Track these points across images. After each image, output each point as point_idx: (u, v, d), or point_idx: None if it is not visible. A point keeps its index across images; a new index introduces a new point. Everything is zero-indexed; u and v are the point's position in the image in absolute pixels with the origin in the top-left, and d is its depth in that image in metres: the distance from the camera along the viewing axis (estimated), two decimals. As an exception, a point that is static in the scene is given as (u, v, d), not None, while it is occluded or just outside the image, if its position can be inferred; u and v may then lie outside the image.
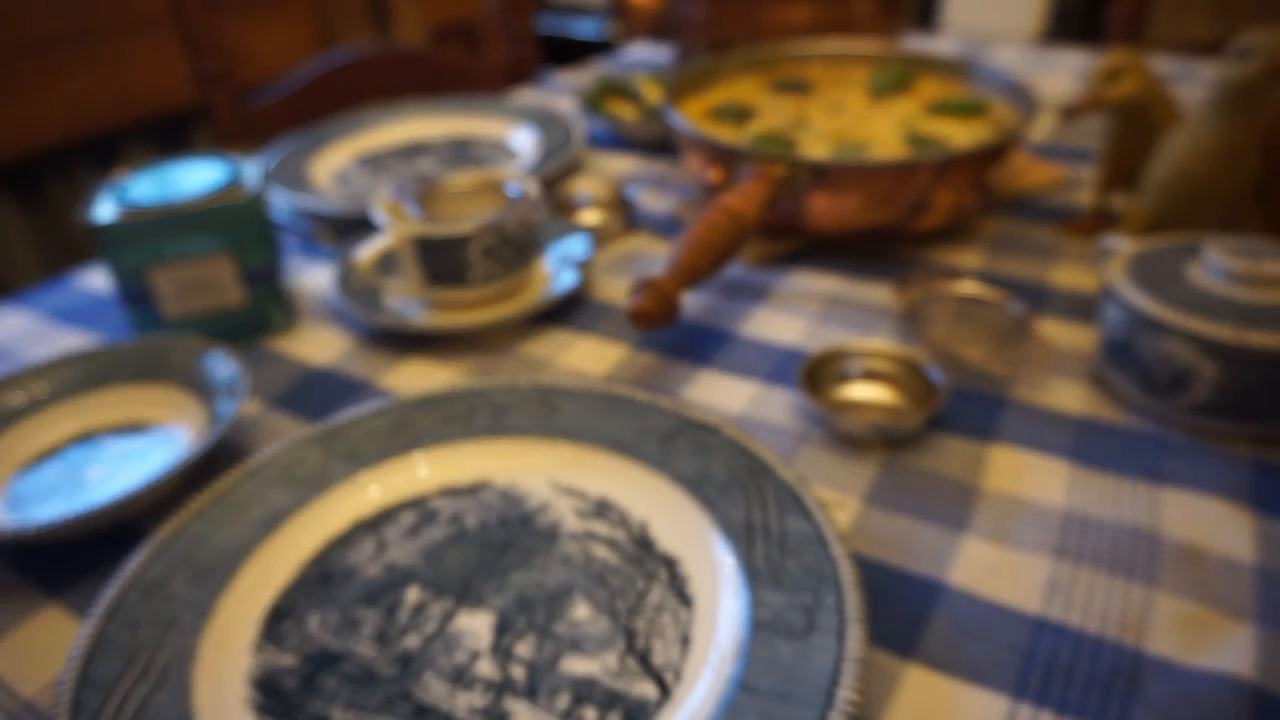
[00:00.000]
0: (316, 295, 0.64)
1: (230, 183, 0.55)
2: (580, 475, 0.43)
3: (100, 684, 0.33)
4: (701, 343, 0.55)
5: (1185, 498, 0.41)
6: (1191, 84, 0.97)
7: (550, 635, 0.35)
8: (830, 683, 0.31)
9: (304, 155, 0.84)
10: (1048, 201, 0.72)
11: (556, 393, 0.47)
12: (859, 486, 0.43)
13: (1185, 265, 0.46)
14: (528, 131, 0.87)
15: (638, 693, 0.33)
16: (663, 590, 0.37)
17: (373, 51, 1.19)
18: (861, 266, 0.63)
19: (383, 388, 0.53)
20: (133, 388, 0.50)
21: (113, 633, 0.35)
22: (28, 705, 0.35)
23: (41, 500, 0.44)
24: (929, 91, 0.75)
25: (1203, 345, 0.42)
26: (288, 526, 0.40)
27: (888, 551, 0.39)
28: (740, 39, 0.89)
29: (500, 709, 0.32)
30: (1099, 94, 0.59)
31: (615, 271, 0.65)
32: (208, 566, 0.38)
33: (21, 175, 1.58)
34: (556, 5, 2.73)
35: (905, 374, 0.49)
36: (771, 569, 0.36)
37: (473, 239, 0.54)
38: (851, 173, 0.58)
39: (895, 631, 0.36)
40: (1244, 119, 0.52)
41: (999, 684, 0.33)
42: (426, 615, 0.36)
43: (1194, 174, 0.54)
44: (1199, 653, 0.34)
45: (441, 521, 0.41)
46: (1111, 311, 0.46)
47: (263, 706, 0.33)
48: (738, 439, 0.42)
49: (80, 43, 1.55)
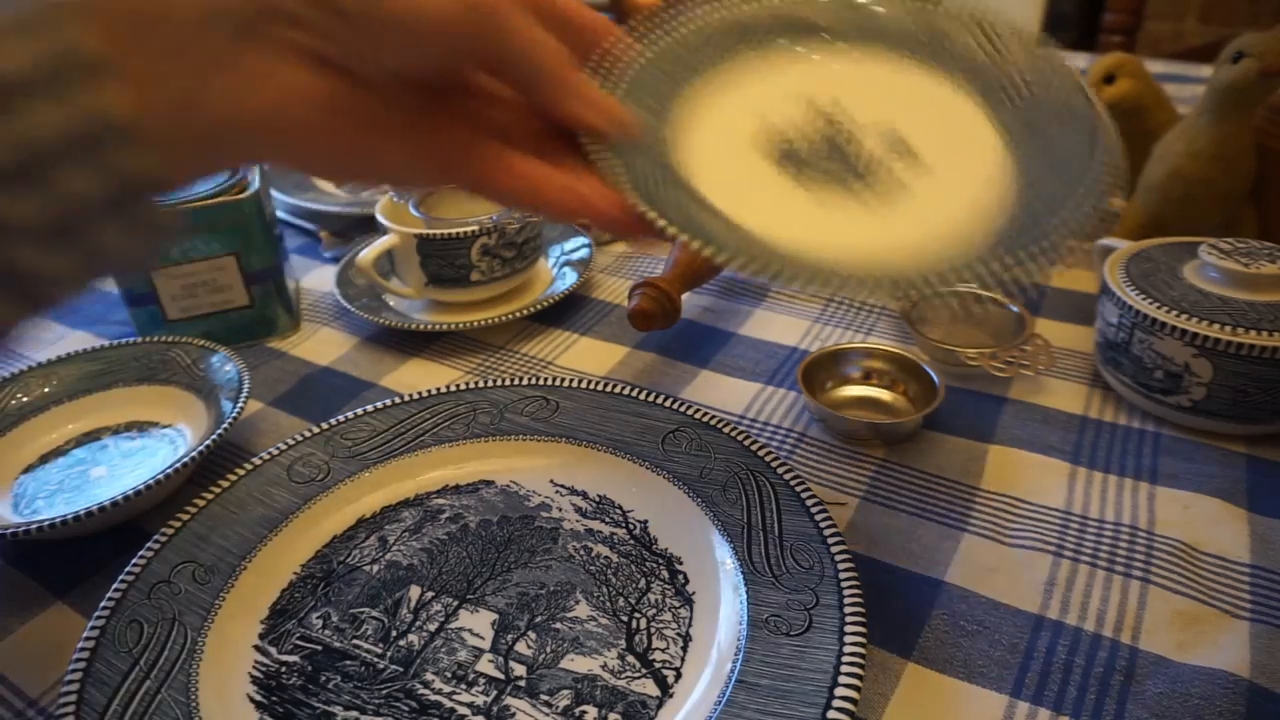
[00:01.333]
0: (319, 295, 0.64)
1: (233, 184, 0.55)
2: (581, 474, 0.43)
3: (105, 682, 0.33)
4: (701, 343, 0.56)
5: (1181, 496, 0.42)
6: (1186, 87, 0.98)
7: (551, 633, 0.35)
8: (830, 681, 0.31)
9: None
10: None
11: (557, 392, 0.47)
12: (858, 486, 0.43)
13: (1181, 266, 0.46)
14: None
15: (638, 691, 0.33)
16: (663, 589, 0.37)
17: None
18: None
19: (385, 387, 0.53)
20: (136, 388, 0.51)
21: (117, 631, 0.35)
22: (33, 703, 0.35)
23: (46, 499, 0.44)
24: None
25: (1198, 345, 0.42)
26: (290, 525, 0.41)
27: (887, 550, 0.40)
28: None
29: (501, 707, 0.33)
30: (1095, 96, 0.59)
31: (615, 272, 0.65)
32: (211, 565, 0.38)
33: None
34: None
35: (905, 374, 0.49)
36: (771, 568, 0.36)
37: (474, 239, 0.55)
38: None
39: (894, 630, 0.36)
40: (1238, 121, 0.53)
41: (997, 682, 0.34)
42: (428, 614, 0.37)
43: (1189, 175, 0.54)
44: (1194, 650, 0.34)
45: (443, 520, 0.41)
46: (1108, 312, 0.47)
47: (266, 704, 0.33)
48: (738, 438, 0.43)
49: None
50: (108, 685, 0.33)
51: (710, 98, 0.33)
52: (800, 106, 0.33)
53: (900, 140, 0.32)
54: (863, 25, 0.35)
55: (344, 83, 0.26)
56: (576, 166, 0.30)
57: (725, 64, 0.34)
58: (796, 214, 0.30)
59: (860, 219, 0.30)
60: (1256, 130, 0.54)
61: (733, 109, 0.33)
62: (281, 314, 0.59)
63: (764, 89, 0.34)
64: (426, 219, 0.57)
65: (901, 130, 0.32)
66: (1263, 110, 0.55)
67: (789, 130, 0.32)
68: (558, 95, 0.29)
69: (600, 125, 0.30)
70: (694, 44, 0.34)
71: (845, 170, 0.31)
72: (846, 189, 0.30)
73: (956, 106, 0.33)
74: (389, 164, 0.29)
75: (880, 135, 0.32)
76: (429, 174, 0.30)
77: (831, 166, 0.31)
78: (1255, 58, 0.50)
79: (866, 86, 0.34)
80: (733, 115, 0.33)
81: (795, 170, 0.31)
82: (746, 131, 0.32)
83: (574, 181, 0.29)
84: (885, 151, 0.31)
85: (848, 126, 0.32)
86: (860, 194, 0.30)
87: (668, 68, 0.33)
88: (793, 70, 0.34)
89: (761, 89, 0.34)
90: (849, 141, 0.31)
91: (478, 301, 0.59)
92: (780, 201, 0.30)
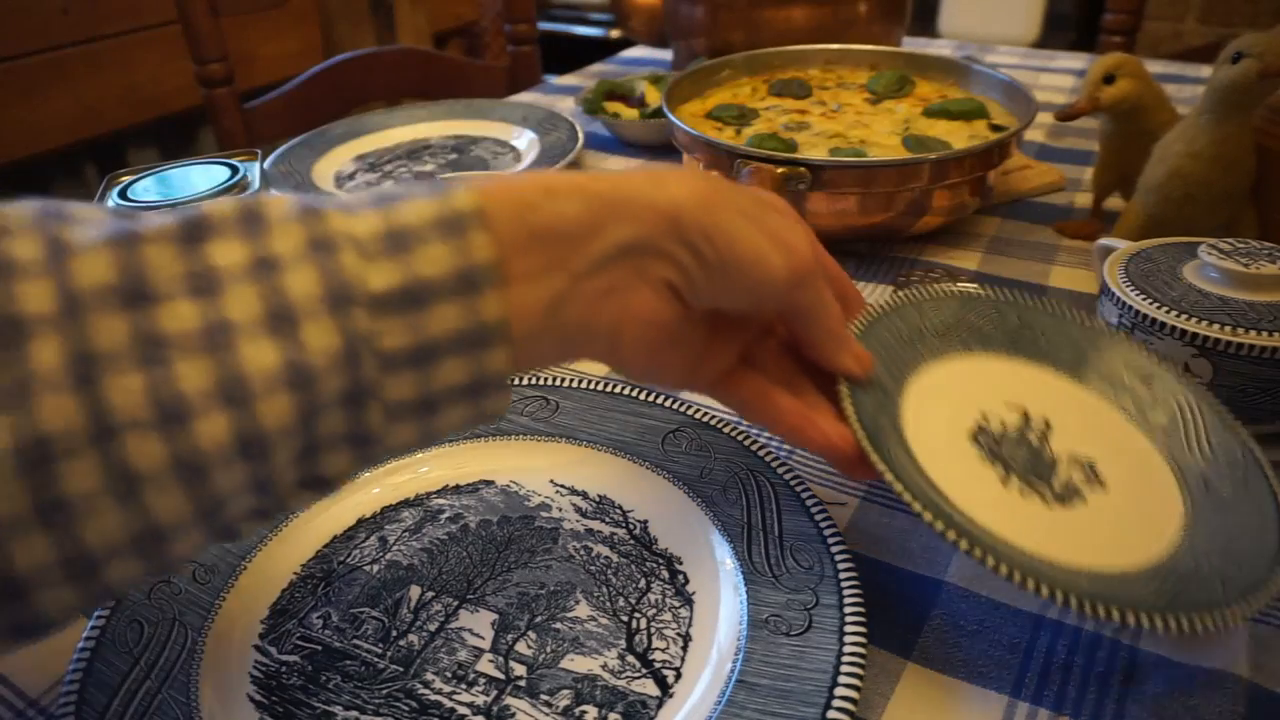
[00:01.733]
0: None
1: (233, 184, 0.55)
2: (581, 474, 0.43)
3: (105, 682, 0.33)
4: (701, 343, 0.56)
5: (1181, 497, 0.42)
6: (1186, 87, 0.98)
7: (551, 633, 0.35)
8: (829, 681, 0.31)
9: (306, 156, 0.84)
10: (1045, 203, 0.72)
11: (557, 392, 0.47)
12: (858, 486, 0.43)
13: (1181, 266, 0.46)
14: (529, 133, 0.88)
15: (638, 691, 0.33)
16: (663, 588, 0.37)
17: (375, 51, 1.19)
18: (861, 267, 0.63)
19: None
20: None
21: (118, 631, 0.35)
22: (33, 703, 0.35)
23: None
24: (928, 93, 0.75)
25: (1198, 345, 0.42)
26: (290, 525, 0.41)
27: (886, 550, 0.40)
28: (740, 41, 0.90)
29: (501, 707, 0.33)
30: (1095, 96, 0.59)
31: (615, 273, 0.65)
32: (211, 565, 0.38)
33: (27, 177, 1.58)
34: (557, 5, 2.73)
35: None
36: (771, 568, 0.36)
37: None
38: (850, 174, 0.59)
39: (894, 630, 0.36)
40: (1238, 121, 0.53)
41: (997, 682, 0.34)
42: (428, 614, 0.37)
43: (1189, 175, 0.54)
44: (1194, 650, 0.34)
45: (443, 520, 0.41)
46: (1108, 312, 0.47)
47: (266, 704, 0.33)
48: (738, 439, 0.43)
49: (87, 47, 1.55)
50: (108, 685, 0.33)
51: (937, 379, 0.39)
52: (1015, 415, 0.38)
53: (1094, 470, 0.36)
54: (1088, 360, 0.41)
55: (679, 309, 0.31)
56: (813, 399, 0.36)
57: (957, 354, 0.40)
58: (993, 501, 0.34)
59: (1047, 523, 0.34)
60: (1256, 130, 0.54)
61: (957, 396, 0.38)
62: (282, 314, 0.58)
63: (988, 388, 0.39)
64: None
65: (1098, 463, 0.36)
66: (1263, 110, 0.55)
67: (1000, 430, 0.37)
68: (833, 349, 0.35)
69: (859, 376, 0.35)
70: (937, 329, 0.40)
71: (1041, 482, 0.35)
72: (1041, 497, 0.35)
73: (1147, 453, 0.37)
74: (674, 375, 0.34)
75: (1076, 461, 0.36)
76: (698, 388, 0.36)
77: (1031, 477, 0.35)
78: (1255, 58, 0.50)
79: (1077, 413, 0.38)
80: (956, 401, 0.38)
81: (1001, 468, 0.36)
82: (965, 421, 0.37)
83: (813, 415, 0.35)
84: (1080, 476, 0.36)
85: (1053, 447, 0.37)
86: (1050, 503, 0.35)
87: (908, 340, 0.39)
88: (1016, 379, 0.40)
89: (986, 387, 0.39)
90: (1052, 463, 0.36)
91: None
92: (980, 486, 0.35)
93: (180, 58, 1.07)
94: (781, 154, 0.59)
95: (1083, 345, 0.41)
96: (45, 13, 1.49)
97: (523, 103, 0.94)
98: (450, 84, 1.24)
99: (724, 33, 0.91)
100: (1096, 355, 0.40)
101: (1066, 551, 0.32)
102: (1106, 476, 0.36)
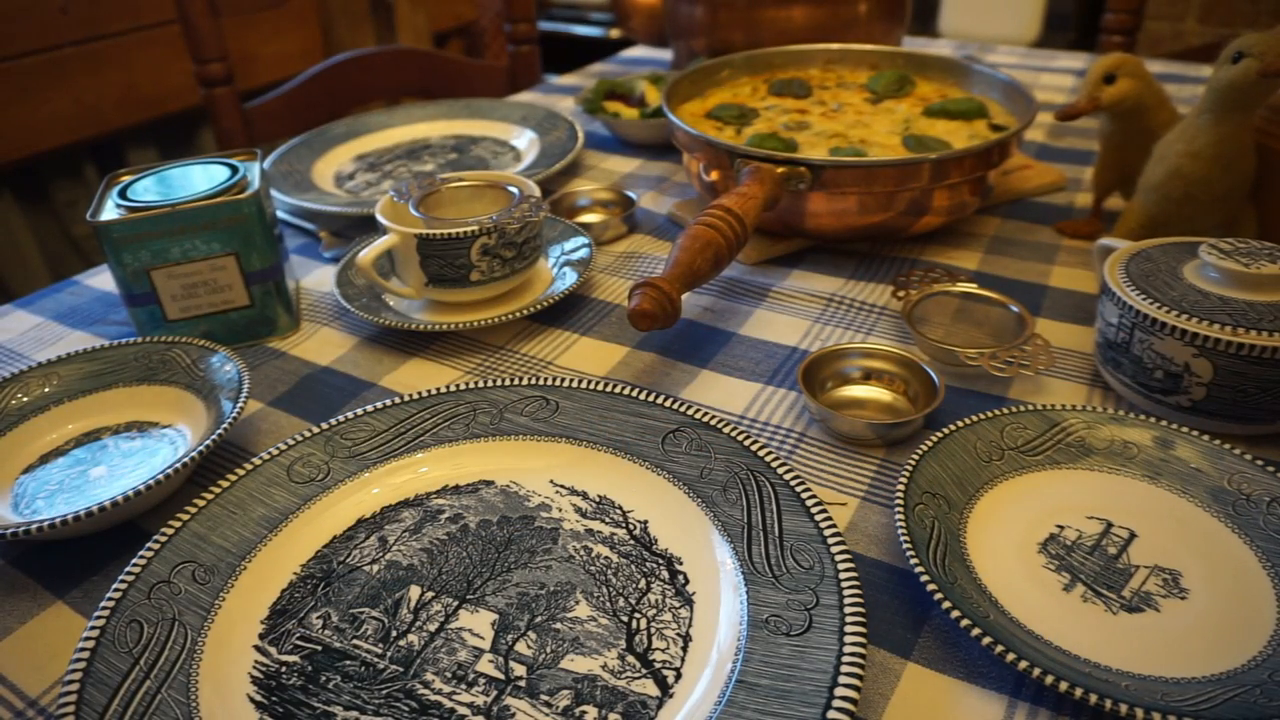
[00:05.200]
0: (319, 295, 0.64)
1: (233, 184, 0.55)
2: (581, 474, 0.43)
3: (105, 682, 0.33)
4: (701, 343, 0.56)
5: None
6: (1186, 87, 0.98)
7: (551, 634, 0.35)
8: (830, 681, 0.31)
9: (306, 156, 0.84)
10: (1045, 203, 0.72)
11: (557, 392, 0.47)
12: (858, 486, 0.43)
13: (1181, 266, 0.46)
14: (529, 133, 0.88)
15: (638, 691, 0.33)
16: (663, 589, 0.37)
17: (375, 51, 1.19)
18: (861, 267, 0.63)
19: (384, 387, 0.53)
20: (136, 388, 0.51)
21: (117, 631, 0.35)
22: (33, 703, 0.35)
23: (46, 499, 0.44)
24: (928, 93, 0.75)
25: (1198, 345, 0.42)
26: (290, 525, 0.41)
27: (886, 550, 0.40)
28: (740, 41, 0.90)
29: (501, 707, 0.33)
30: (1095, 96, 0.59)
31: (615, 272, 0.65)
32: (211, 565, 0.38)
33: (27, 177, 1.58)
34: (557, 5, 2.73)
35: (905, 374, 0.49)
36: (771, 568, 0.36)
37: (474, 239, 0.55)
38: (851, 173, 0.59)
39: (894, 630, 0.36)
40: (1238, 121, 0.53)
41: (997, 682, 0.34)
42: (428, 614, 0.37)
43: (1189, 175, 0.54)
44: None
45: (443, 520, 0.41)
46: (1108, 312, 0.47)
47: (266, 704, 0.33)
48: (738, 439, 0.43)
49: (86, 46, 1.55)
50: (108, 685, 0.33)
51: (1016, 491, 0.40)
52: (1096, 525, 0.38)
53: (1175, 580, 0.36)
54: (1180, 472, 0.41)
55: None
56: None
57: (1044, 469, 0.41)
58: (1044, 604, 0.35)
59: (1104, 629, 0.34)
60: (1256, 130, 0.54)
61: (1035, 507, 0.40)
62: (281, 314, 0.59)
63: (1070, 498, 0.40)
64: (426, 219, 0.57)
65: (1185, 574, 0.36)
66: (1263, 110, 0.55)
67: (1073, 539, 0.38)
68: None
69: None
70: (1020, 446, 0.42)
71: (1110, 590, 0.36)
72: (1105, 606, 0.35)
73: (1247, 565, 0.37)
74: None
75: (1159, 570, 0.36)
76: None
77: (1097, 585, 0.36)
78: (1255, 58, 0.50)
79: (1174, 523, 0.39)
80: (1032, 513, 0.39)
81: (1066, 575, 0.36)
82: (1038, 532, 0.38)
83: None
84: (1157, 586, 0.36)
85: (1131, 557, 0.37)
86: (1116, 611, 0.35)
87: (984, 458, 0.41)
88: (1102, 489, 0.40)
89: (1068, 497, 0.40)
90: (1126, 572, 0.36)
91: (478, 301, 0.59)
92: (1036, 591, 0.36)
93: (180, 57, 1.07)
94: (781, 154, 0.59)
95: (1183, 469, 0.41)
96: (44, 12, 1.49)
97: (522, 102, 0.94)
98: (450, 84, 1.24)
99: (724, 32, 0.91)
100: (1202, 474, 0.41)
101: (1116, 656, 0.33)
102: (1191, 587, 0.36)
